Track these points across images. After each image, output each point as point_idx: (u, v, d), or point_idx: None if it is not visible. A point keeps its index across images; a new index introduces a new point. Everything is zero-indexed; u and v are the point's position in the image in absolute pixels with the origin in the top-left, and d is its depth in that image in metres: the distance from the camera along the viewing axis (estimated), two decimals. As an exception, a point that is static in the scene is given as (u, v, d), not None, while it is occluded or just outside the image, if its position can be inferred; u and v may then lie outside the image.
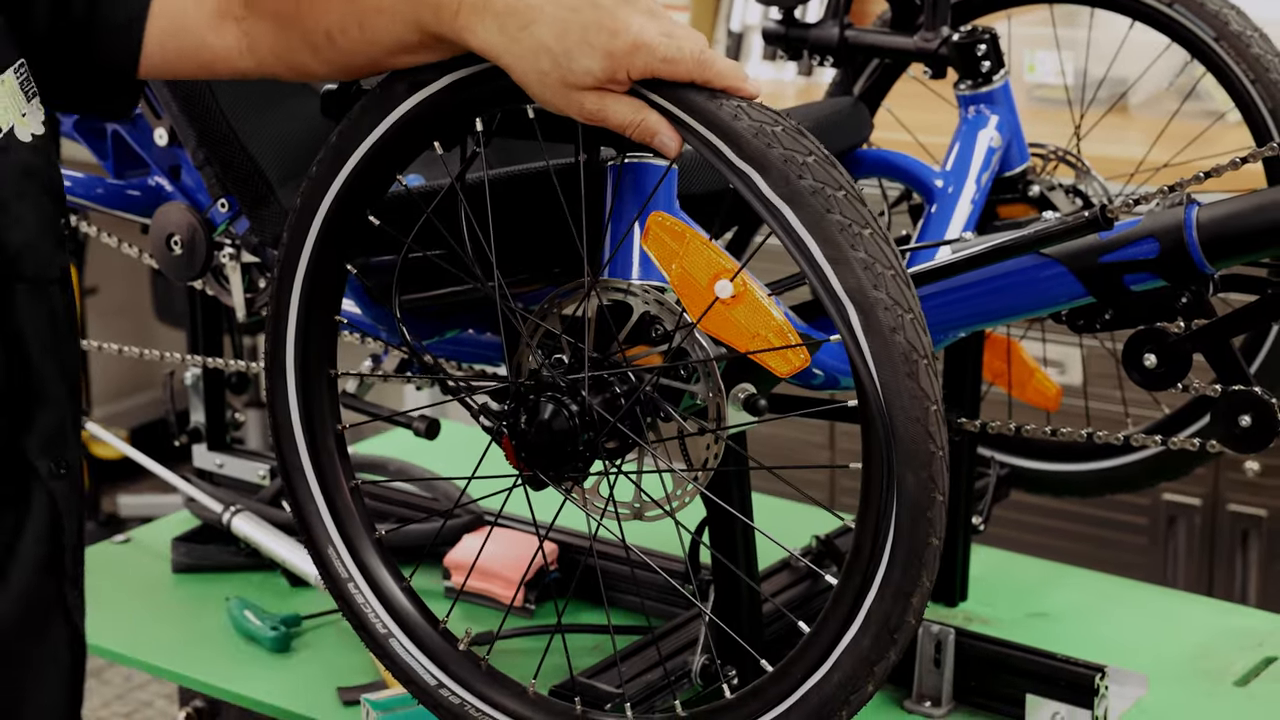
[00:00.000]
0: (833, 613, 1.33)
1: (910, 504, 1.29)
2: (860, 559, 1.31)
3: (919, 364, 1.28)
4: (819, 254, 1.28)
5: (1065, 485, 2.13)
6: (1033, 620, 1.99)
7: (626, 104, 1.31)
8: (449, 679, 1.54)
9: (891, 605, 1.30)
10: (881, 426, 1.28)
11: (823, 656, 1.33)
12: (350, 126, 1.48)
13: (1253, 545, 2.88)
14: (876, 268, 1.28)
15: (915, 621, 1.32)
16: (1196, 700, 1.84)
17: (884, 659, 1.32)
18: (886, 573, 1.30)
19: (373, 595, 1.57)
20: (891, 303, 1.28)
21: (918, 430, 1.28)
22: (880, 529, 1.30)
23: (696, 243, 1.35)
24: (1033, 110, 3.00)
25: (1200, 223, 1.57)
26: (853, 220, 1.28)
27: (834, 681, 1.33)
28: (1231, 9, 1.90)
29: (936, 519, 1.30)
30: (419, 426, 1.93)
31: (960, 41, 1.93)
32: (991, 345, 2.01)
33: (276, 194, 1.79)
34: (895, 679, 1.80)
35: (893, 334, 1.27)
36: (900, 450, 1.28)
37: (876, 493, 1.30)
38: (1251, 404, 1.60)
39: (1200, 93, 2.78)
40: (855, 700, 1.34)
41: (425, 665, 1.55)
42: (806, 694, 1.34)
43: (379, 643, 1.57)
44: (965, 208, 1.88)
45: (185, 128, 1.82)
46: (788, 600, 1.88)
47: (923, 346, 1.29)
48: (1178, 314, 1.61)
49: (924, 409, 1.28)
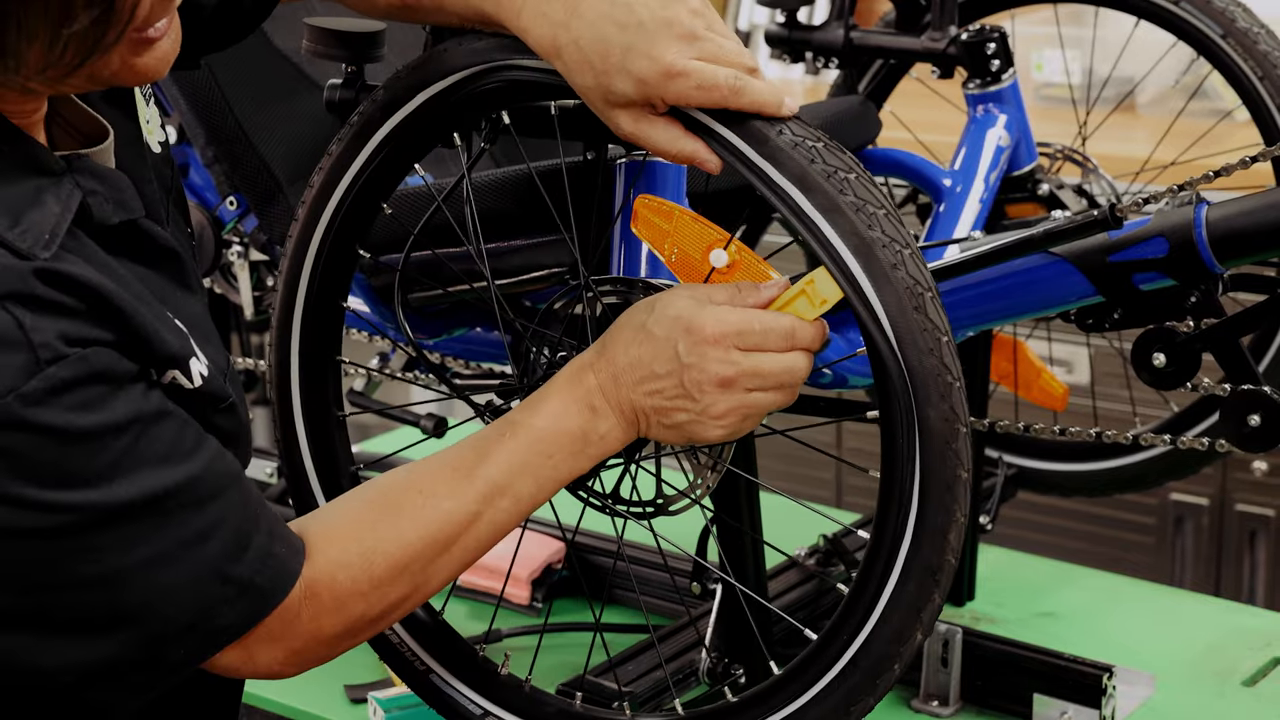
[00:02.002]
0: (870, 568, 1.31)
1: (934, 439, 1.27)
2: (890, 507, 1.29)
3: (924, 296, 1.27)
4: (808, 205, 1.28)
5: (1073, 485, 2.13)
6: (1040, 620, 1.99)
7: (663, 129, 1.31)
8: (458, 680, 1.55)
9: (928, 547, 1.29)
10: (895, 364, 1.27)
11: (866, 613, 1.32)
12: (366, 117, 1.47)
13: (1260, 545, 2.88)
14: (868, 208, 1.28)
15: (954, 560, 1.30)
16: (1204, 700, 1.83)
17: (930, 603, 1.31)
18: (919, 514, 1.28)
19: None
20: (889, 240, 1.27)
21: (932, 362, 1.27)
22: (906, 472, 1.28)
23: (684, 218, 1.35)
24: (1041, 109, 3.00)
25: (1209, 222, 1.57)
26: (837, 167, 1.29)
27: (884, 636, 1.31)
28: (1238, 6, 1.90)
29: (963, 450, 1.28)
30: (426, 424, 1.93)
31: (969, 41, 1.93)
32: (998, 346, 2.01)
33: (285, 191, 1.79)
34: (902, 678, 1.79)
35: (894, 270, 1.27)
36: (917, 386, 1.27)
37: (899, 436, 1.28)
38: (1260, 403, 1.60)
39: (1209, 92, 2.78)
40: (905, 652, 1.32)
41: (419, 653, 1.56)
42: (856, 655, 1.32)
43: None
44: (974, 207, 1.88)
45: (194, 125, 1.82)
46: (797, 598, 1.88)
47: (926, 280, 1.28)
48: (1187, 313, 1.61)
49: (936, 340, 1.27)
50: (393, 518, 1.30)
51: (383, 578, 1.29)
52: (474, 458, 1.32)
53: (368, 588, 1.28)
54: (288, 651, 1.27)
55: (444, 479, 1.32)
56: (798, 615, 1.82)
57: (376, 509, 1.32)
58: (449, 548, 1.31)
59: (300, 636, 1.27)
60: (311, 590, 1.26)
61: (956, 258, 1.66)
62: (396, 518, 1.30)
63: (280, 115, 1.82)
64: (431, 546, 1.30)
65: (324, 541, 1.29)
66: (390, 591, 1.29)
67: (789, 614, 1.74)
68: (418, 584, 1.31)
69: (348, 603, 1.28)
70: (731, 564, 1.58)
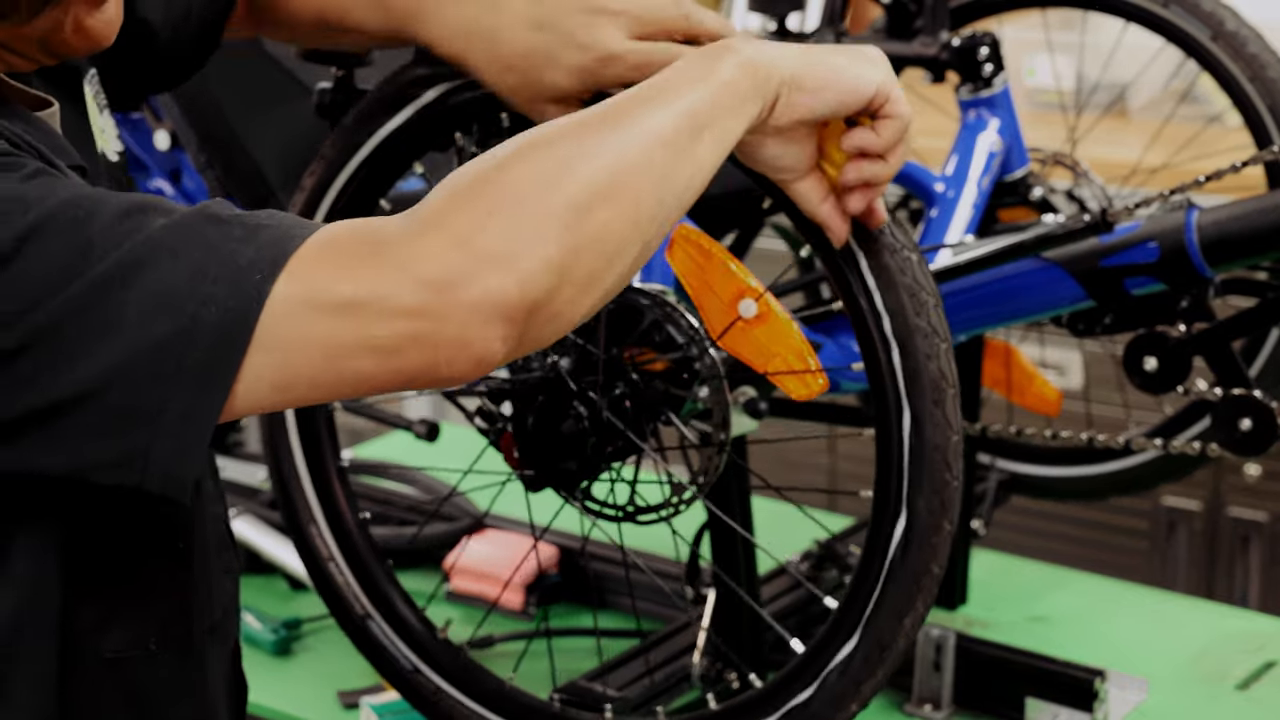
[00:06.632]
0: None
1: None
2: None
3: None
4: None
5: (1066, 489, 2.13)
6: (1033, 624, 1.99)
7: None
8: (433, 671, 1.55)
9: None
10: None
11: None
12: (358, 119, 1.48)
13: (1253, 550, 2.88)
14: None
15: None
16: (1197, 704, 1.84)
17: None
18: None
19: (351, 574, 1.57)
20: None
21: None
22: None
23: (720, 261, 1.35)
24: (1033, 114, 3.00)
25: (1200, 226, 1.57)
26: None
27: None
28: (1226, 9, 1.90)
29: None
30: (419, 429, 1.93)
31: (961, 46, 1.93)
32: (991, 352, 2.01)
33: (277, 196, 1.79)
34: (895, 683, 1.80)
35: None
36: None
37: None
38: (1251, 408, 1.60)
39: (1201, 97, 2.78)
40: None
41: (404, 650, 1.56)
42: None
43: (357, 624, 1.57)
44: (966, 212, 1.88)
45: (187, 130, 1.82)
46: (788, 604, 1.88)
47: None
48: (1178, 317, 1.61)
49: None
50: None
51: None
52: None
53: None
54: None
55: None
56: (790, 620, 1.82)
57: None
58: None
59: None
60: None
61: (949, 263, 1.66)
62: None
63: (272, 119, 1.83)
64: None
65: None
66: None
67: (783, 618, 1.75)
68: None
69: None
70: (724, 569, 1.58)
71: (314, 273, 1.01)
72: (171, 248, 1.02)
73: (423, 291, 1.00)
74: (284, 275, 1.01)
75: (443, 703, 1.56)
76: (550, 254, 1.02)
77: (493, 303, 1.00)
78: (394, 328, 1.01)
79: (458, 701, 1.55)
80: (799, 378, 1.35)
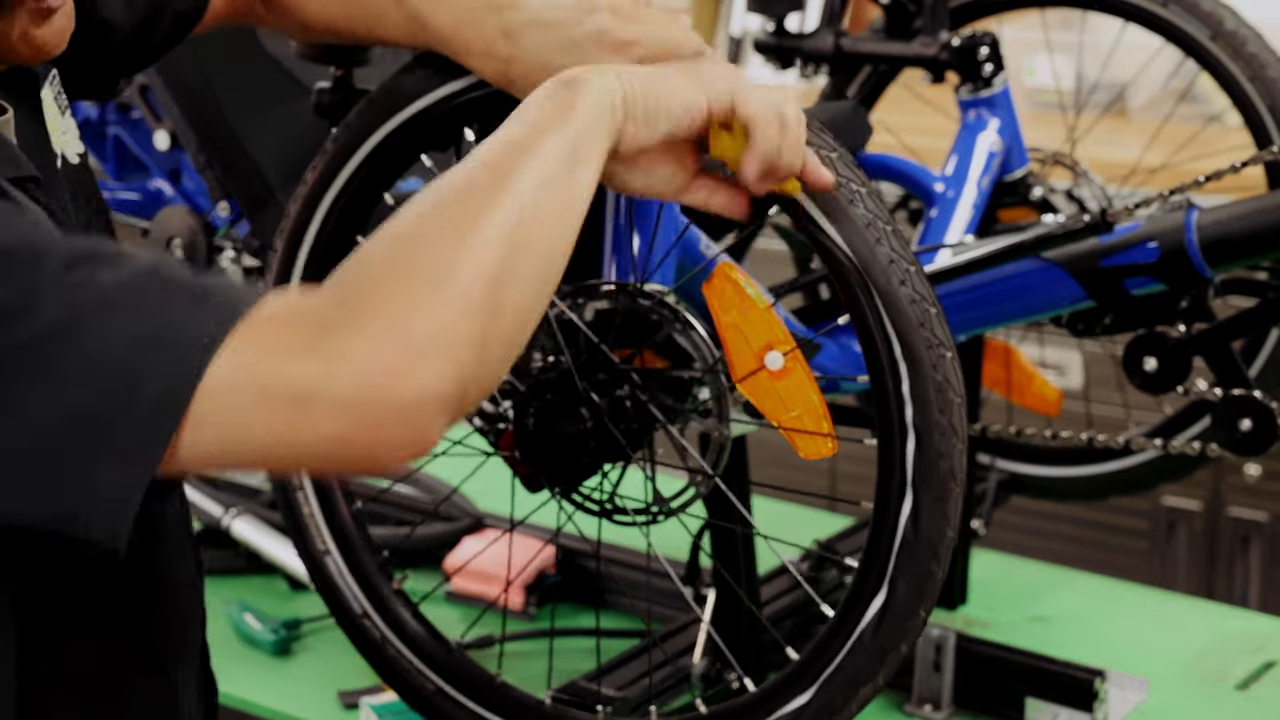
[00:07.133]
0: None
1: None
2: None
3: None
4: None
5: (1066, 489, 2.13)
6: (1033, 624, 1.99)
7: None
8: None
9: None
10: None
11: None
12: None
13: (1253, 550, 2.88)
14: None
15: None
16: (1197, 704, 1.84)
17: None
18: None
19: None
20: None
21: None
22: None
23: (758, 307, 1.35)
24: (1032, 114, 3.00)
25: (1200, 226, 1.57)
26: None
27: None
28: (1225, 8, 1.90)
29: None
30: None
31: (961, 45, 1.93)
32: (991, 352, 2.01)
33: (276, 196, 1.79)
34: (895, 683, 1.79)
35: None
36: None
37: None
38: (1251, 408, 1.60)
39: (1200, 96, 2.78)
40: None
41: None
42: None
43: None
44: (966, 212, 1.88)
45: (186, 130, 1.82)
46: (789, 604, 1.88)
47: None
48: (1178, 318, 1.61)
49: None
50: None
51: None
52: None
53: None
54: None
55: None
56: (788, 622, 1.82)
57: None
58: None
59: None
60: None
61: (948, 263, 1.66)
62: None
63: (271, 119, 1.82)
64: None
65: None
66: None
67: (780, 620, 1.75)
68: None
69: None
70: (725, 569, 1.58)
71: (256, 357, 0.99)
72: (118, 308, 1.00)
73: (363, 391, 0.98)
74: (227, 351, 0.99)
75: (443, 704, 1.55)
76: (475, 330, 1.02)
77: (433, 394, 0.99)
78: (333, 426, 0.99)
79: (458, 703, 1.54)
80: (811, 438, 1.34)
